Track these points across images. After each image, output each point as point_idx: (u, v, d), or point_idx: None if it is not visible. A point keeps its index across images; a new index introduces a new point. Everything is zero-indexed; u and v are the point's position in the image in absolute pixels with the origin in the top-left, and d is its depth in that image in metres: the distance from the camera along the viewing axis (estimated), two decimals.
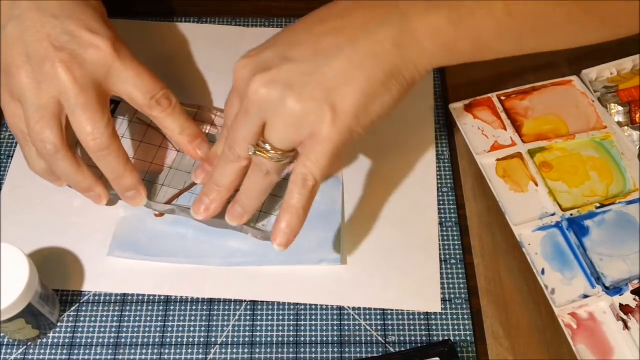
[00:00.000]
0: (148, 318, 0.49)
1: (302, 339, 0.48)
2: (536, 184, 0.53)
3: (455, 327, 0.49)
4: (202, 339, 0.48)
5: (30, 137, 0.46)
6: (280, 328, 0.49)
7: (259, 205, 0.48)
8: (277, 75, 0.41)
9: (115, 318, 0.49)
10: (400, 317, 0.49)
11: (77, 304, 0.50)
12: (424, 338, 0.48)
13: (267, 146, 0.43)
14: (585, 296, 0.47)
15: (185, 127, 0.49)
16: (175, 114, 0.49)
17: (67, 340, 0.48)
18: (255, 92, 0.42)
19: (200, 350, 0.48)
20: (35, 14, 0.45)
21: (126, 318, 0.49)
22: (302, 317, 0.49)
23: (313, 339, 0.48)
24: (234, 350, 0.48)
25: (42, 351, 0.48)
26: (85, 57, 0.45)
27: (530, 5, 0.42)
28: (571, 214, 0.51)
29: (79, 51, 0.45)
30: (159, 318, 0.49)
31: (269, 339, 0.48)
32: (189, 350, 0.48)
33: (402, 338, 0.48)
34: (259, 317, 0.49)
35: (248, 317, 0.49)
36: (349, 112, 0.41)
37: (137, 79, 0.47)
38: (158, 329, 0.49)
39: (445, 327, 0.49)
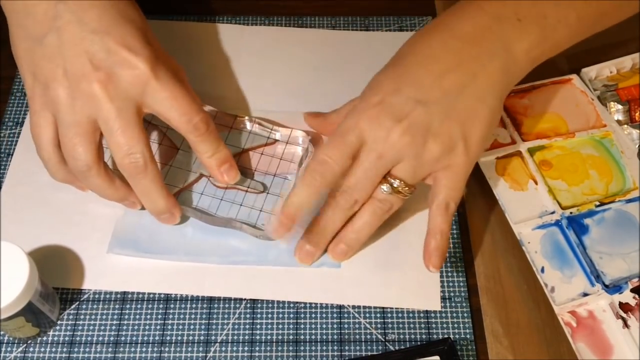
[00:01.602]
0: (148, 316, 0.49)
1: (302, 337, 0.48)
2: (536, 183, 0.53)
3: (455, 325, 0.49)
4: (202, 337, 0.48)
5: (63, 152, 0.46)
6: (280, 326, 0.49)
7: (364, 244, 0.50)
8: (416, 120, 0.45)
9: (115, 316, 0.49)
10: (400, 315, 0.49)
11: (78, 302, 0.50)
12: (423, 336, 0.48)
13: (398, 183, 0.46)
14: (585, 294, 0.47)
15: (216, 151, 0.49)
16: (210, 139, 0.48)
17: (67, 338, 0.48)
18: (397, 140, 0.45)
19: (201, 349, 0.48)
20: (76, 27, 0.45)
21: (126, 316, 0.49)
22: (302, 315, 0.49)
23: (313, 337, 0.48)
24: (234, 349, 0.48)
25: (42, 349, 0.48)
26: (122, 77, 0.45)
27: (595, 7, 0.48)
28: (571, 213, 0.51)
29: (115, 70, 0.45)
30: (159, 316, 0.49)
31: (269, 337, 0.48)
32: (189, 349, 0.48)
33: (402, 336, 0.48)
34: (259, 316, 0.49)
35: (248, 316, 0.49)
36: (478, 143, 0.46)
37: (174, 101, 0.46)
38: (158, 327, 0.49)
39: (445, 325, 0.49)
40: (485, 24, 0.46)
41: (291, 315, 0.49)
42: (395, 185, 0.46)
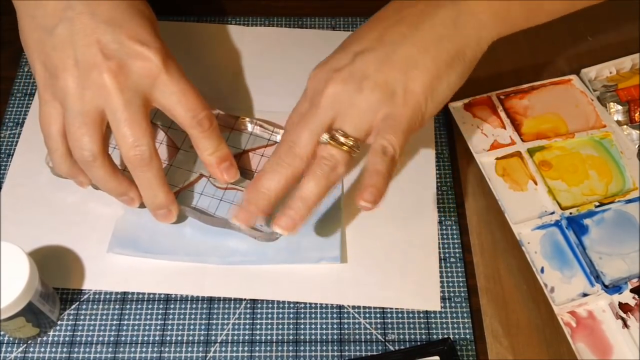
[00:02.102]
0: (148, 316, 0.49)
1: (302, 337, 0.48)
2: (536, 183, 0.53)
3: (455, 325, 0.49)
4: (202, 338, 0.48)
5: (69, 142, 0.46)
6: (280, 326, 0.49)
7: (313, 213, 0.46)
8: (352, 69, 0.44)
9: (115, 316, 0.49)
10: (400, 315, 0.49)
11: (78, 303, 0.50)
12: (423, 337, 0.48)
13: (341, 136, 0.44)
14: (585, 295, 0.47)
15: (217, 149, 0.49)
16: (213, 136, 0.48)
17: (67, 338, 0.48)
18: (332, 90, 0.44)
19: (201, 349, 0.48)
20: (88, 18, 0.45)
21: (126, 316, 0.49)
22: (302, 315, 0.49)
23: (313, 337, 0.48)
24: (234, 349, 0.48)
25: (42, 350, 0.48)
26: (133, 68, 0.45)
27: None
28: (570, 213, 0.51)
29: (127, 61, 0.45)
30: (159, 316, 0.49)
31: (269, 337, 0.48)
32: (189, 349, 0.48)
33: (401, 337, 0.48)
34: (259, 316, 0.49)
35: (248, 316, 0.49)
36: (419, 93, 0.44)
37: (182, 96, 0.46)
38: (158, 327, 0.49)
39: (444, 325, 0.49)
40: None
41: (291, 316, 0.49)
42: (336, 136, 0.44)
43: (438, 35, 0.45)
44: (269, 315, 0.49)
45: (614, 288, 0.48)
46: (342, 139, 0.44)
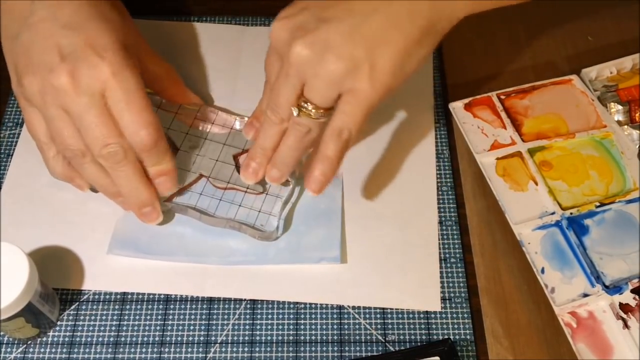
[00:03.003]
0: (148, 317, 0.49)
1: (302, 338, 0.48)
2: (536, 183, 0.53)
3: (455, 326, 0.49)
4: (202, 338, 0.48)
5: (55, 144, 0.47)
6: (280, 327, 0.49)
7: (295, 166, 0.49)
8: (317, 36, 0.43)
9: (115, 317, 0.49)
10: (400, 316, 0.49)
11: (77, 303, 0.50)
12: (423, 337, 0.48)
13: (309, 106, 0.44)
14: (585, 295, 0.47)
15: (158, 163, 0.48)
16: (154, 153, 0.47)
17: (67, 339, 0.48)
18: (297, 55, 0.43)
19: (201, 349, 0.48)
20: (48, 23, 0.45)
21: (126, 317, 0.49)
22: (302, 316, 0.49)
23: (313, 338, 0.48)
24: (234, 349, 0.48)
25: (42, 350, 0.48)
26: (83, 72, 0.44)
27: None
28: (571, 213, 0.51)
29: (79, 65, 0.44)
30: (159, 317, 0.49)
31: (269, 337, 0.48)
32: (189, 349, 0.48)
33: (402, 337, 0.48)
34: (259, 316, 0.49)
35: (248, 316, 0.49)
36: (386, 70, 0.43)
37: (126, 108, 0.45)
38: (158, 327, 0.49)
39: (445, 326, 0.49)
40: None
41: (291, 316, 0.49)
42: (303, 107, 0.44)
43: (411, 10, 0.43)
44: (269, 316, 0.49)
45: (614, 288, 0.47)
46: (310, 111, 0.44)
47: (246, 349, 0.48)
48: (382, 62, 0.43)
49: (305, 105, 0.44)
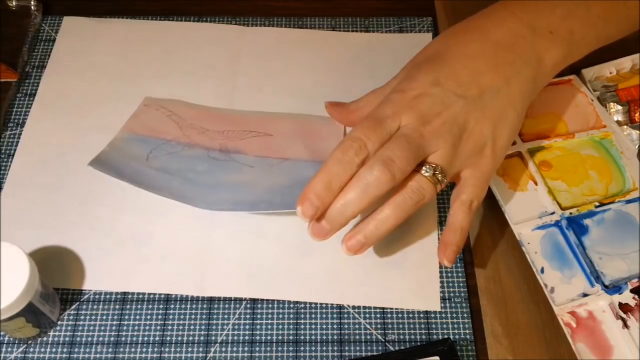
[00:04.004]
0: (148, 317, 0.49)
1: (302, 337, 0.48)
2: (536, 183, 0.53)
3: (455, 326, 0.49)
4: (202, 338, 0.48)
5: None
6: (280, 327, 0.49)
7: (383, 238, 0.45)
8: (455, 112, 0.45)
9: (115, 317, 0.49)
10: (400, 316, 0.49)
11: (78, 303, 0.50)
12: (423, 337, 0.48)
13: (439, 174, 0.45)
14: (585, 295, 0.47)
15: None
16: None
17: (67, 339, 0.48)
18: (439, 127, 0.44)
19: (201, 349, 0.48)
20: None
21: (126, 317, 0.49)
22: (302, 315, 0.49)
23: (313, 337, 0.48)
24: (234, 349, 0.48)
25: (42, 350, 0.48)
26: None
27: (610, 28, 0.51)
28: (571, 213, 0.51)
29: None
30: (159, 317, 0.49)
31: (269, 337, 0.48)
32: (189, 349, 0.48)
33: (401, 337, 0.48)
34: (259, 316, 0.49)
35: (248, 316, 0.49)
36: (504, 146, 0.47)
37: None
38: (158, 327, 0.49)
39: (444, 326, 0.49)
40: (520, 32, 0.48)
41: (291, 316, 0.49)
42: (436, 172, 0.44)
43: (522, 91, 0.47)
44: (269, 315, 0.49)
45: (614, 288, 0.48)
46: (440, 177, 0.45)
47: (246, 349, 0.48)
48: (502, 139, 0.47)
49: (437, 172, 0.44)
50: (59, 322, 0.49)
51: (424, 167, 0.44)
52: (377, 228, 0.44)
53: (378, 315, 0.49)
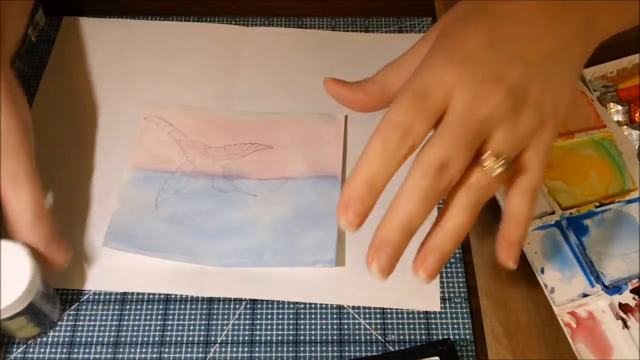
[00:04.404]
0: (148, 317, 0.49)
1: (301, 338, 0.48)
2: None
3: (455, 326, 0.49)
4: (202, 338, 0.48)
5: None
6: (280, 327, 0.49)
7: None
8: (516, 82, 0.37)
9: (115, 317, 0.49)
10: (399, 316, 0.49)
11: (78, 303, 0.50)
12: (423, 337, 0.48)
13: (505, 161, 0.36)
14: (585, 295, 0.47)
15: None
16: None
17: (67, 339, 0.48)
18: (500, 104, 0.37)
19: (200, 349, 0.48)
20: None
21: (126, 317, 0.49)
22: (302, 316, 0.49)
23: (313, 338, 0.48)
24: (234, 349, 0.48)
25: (42, 350, 0.48)
26: None
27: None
28: (570, 213, 0.51)
29: None
30: (159, 317, 0.49)
31: (268, 337, 0.48)
32: (189, 349, 0.48)
33: (401, 337, 0.48)
34: (258, 316, 0.49)
35: (248, 316, 0.49)
36: (564, 119, 0.40)
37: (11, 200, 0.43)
38: (158, 327, 0.49)
39: (444, 326, 0.49)
40: None
41: (291, 316, 0.49)
42: (500, 162, 0.36)
43: (581, 56, 0.42)
44: (269, 316, 0.49)
45: (614, 289, 0.48)
46: (506, 167, 0.36)
47: (246, 349, 0.48)
48: (563, 109, 0.40)
49: (502, 159, 0.37)
50: (59, 322, 0.49)
51: (488, 160, 0.37)
52: (453, 240, 0.38)
53: (378, 316, 0.49)
